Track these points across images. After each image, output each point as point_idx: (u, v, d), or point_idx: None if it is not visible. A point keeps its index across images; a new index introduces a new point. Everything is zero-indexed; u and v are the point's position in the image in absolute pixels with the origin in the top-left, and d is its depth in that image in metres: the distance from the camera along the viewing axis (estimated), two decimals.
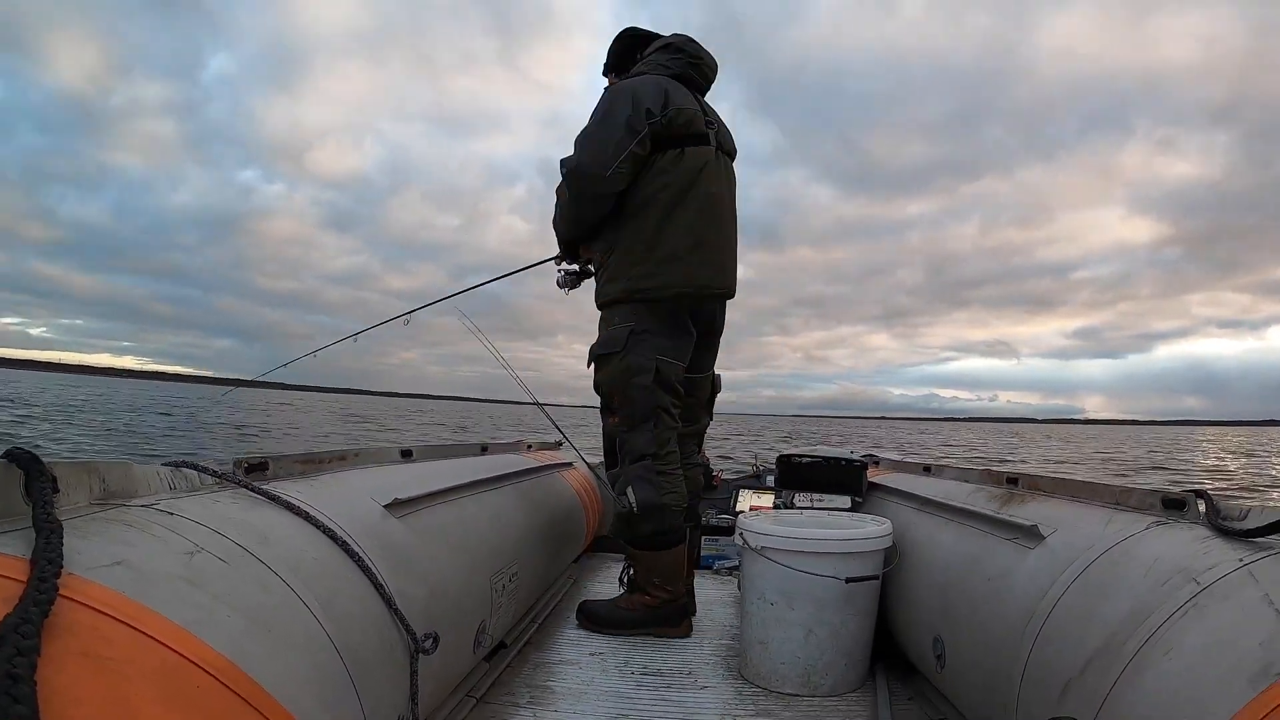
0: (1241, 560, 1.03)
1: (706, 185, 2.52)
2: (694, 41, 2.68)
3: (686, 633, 2.58)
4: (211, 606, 0.92)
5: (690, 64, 2.64)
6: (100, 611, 0.75)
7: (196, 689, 0.80)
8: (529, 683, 2.10)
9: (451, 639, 1.72)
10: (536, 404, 4.08)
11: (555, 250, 2.90)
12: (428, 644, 1.47)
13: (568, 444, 3.81)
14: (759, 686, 2.11)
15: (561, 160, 2.57)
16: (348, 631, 1.21)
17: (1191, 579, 1.06)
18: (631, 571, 2.68)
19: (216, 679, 0.83)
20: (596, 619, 2.64)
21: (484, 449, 2.82)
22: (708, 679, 2.17)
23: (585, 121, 2.54)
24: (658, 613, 2.58)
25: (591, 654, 2.34)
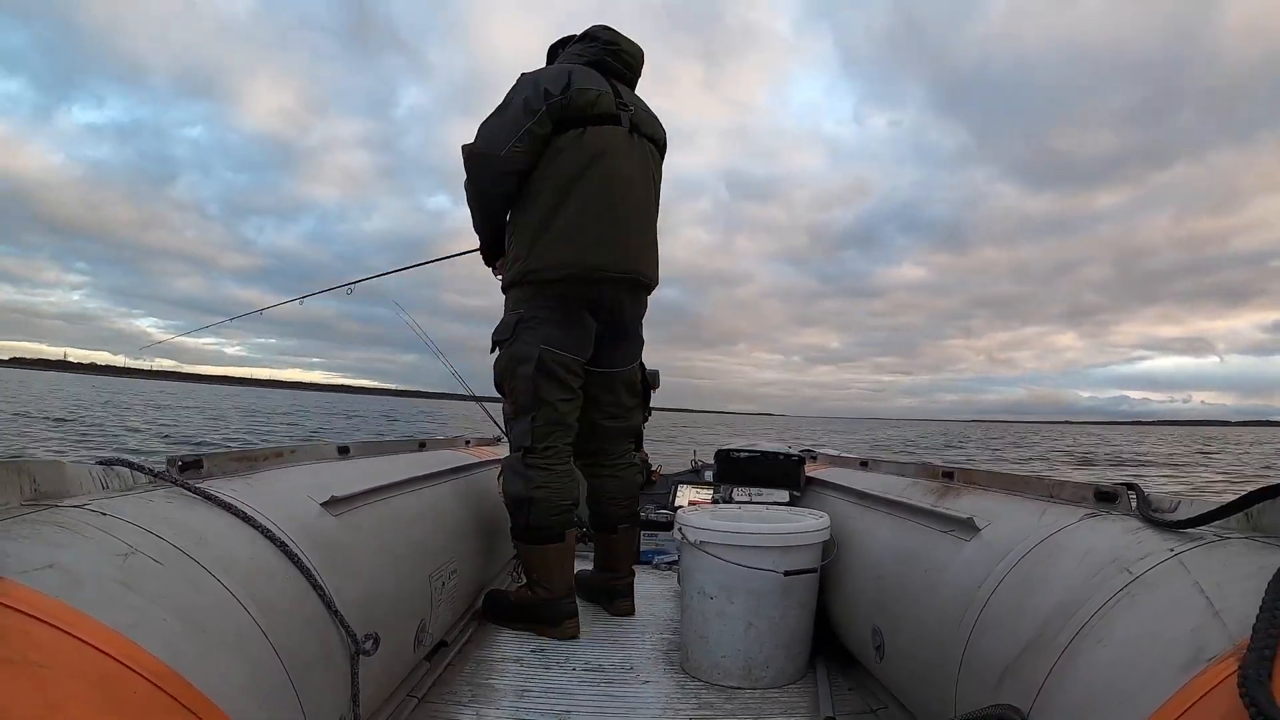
0: (1172, 550, 1.06)
1: (610, 165, 2.46)
2: (611, 29, 2.64)
3: (570, 634, 2.48)
4: (146, 609, 0.89)
5: (605, 50, 2.60)
6: (31, 616, 0.72)
7: (132, 694, 0.77)
8: (471, 681, 2.07)
9: (392, 639, 1.69)
10: (475, 399, 4.03)
11: (736, 258, 2.87)
12: (368, 645, 1.45)
13: (506, 440, 3.78)
14: (700, 680, 2.12)
15: (461, 147, 2.52)
16: (286, 633, 1.18)
17: (1124, 569, 1.09)
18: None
19: (152, 683, 0.80)
20: (488, 605, 2.65)
21: (422, 445, 2.77)
22: (649, 673, 2.17)
23: (768, 133, 2.53)
24: (538, 611, 2.53)
25: (533, 650, 2.33)
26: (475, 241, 2.77)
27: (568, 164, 2.43)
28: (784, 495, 2.92)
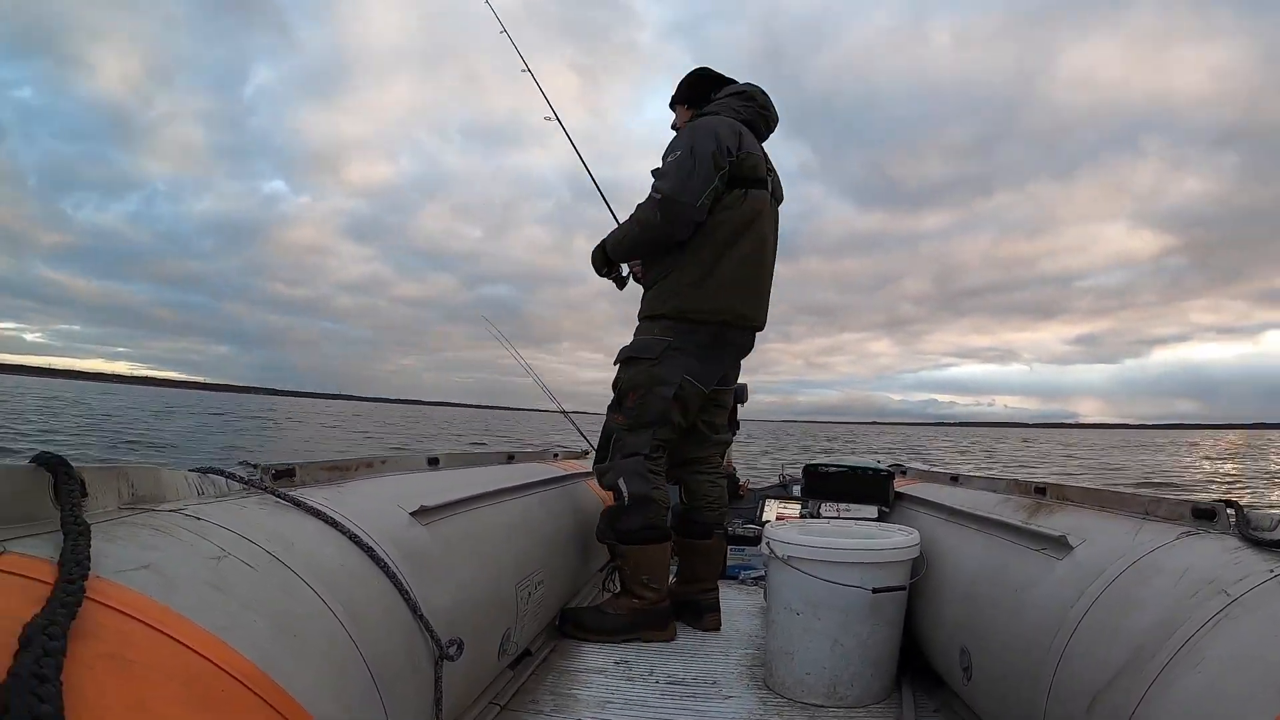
0: (1273, 571, 1.01)
1: (761, 228, 2.70)
2: (764, 93, 2.85)
3: (671, 636, 2.62)
4: (237, 611, 0.93)
5: (759, 113, 2.81)
6: (126, 614, 0.76)
7: (221, 694, 0.81)
8: (553, 690, 2.10)
9: (476, 646, 1.73)
10: (563, 412, 4.09)
11: (573, 258, 3.09)
12: (452, 650, 1.48)
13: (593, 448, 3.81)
14: (784, 697, 2.10)
15: (655, 185, 2.67)
16: (373, 638, 1.22)
17: (1221, 590, 1.04)
18: (619, 573, 2.74)
19: (242, 684, 0.84)
20: (581, 625, 2.66)
21: (510, 457, 2.83)
22: (733, 689, 2.16)
23: (618, 140, 2.67)
24: (644, 616, 2.62)
25: (617, 662, 2.34)
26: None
27: (730, 222, 2.63)
28: (872, 511, 2.87)
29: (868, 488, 2.95)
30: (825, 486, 3.03)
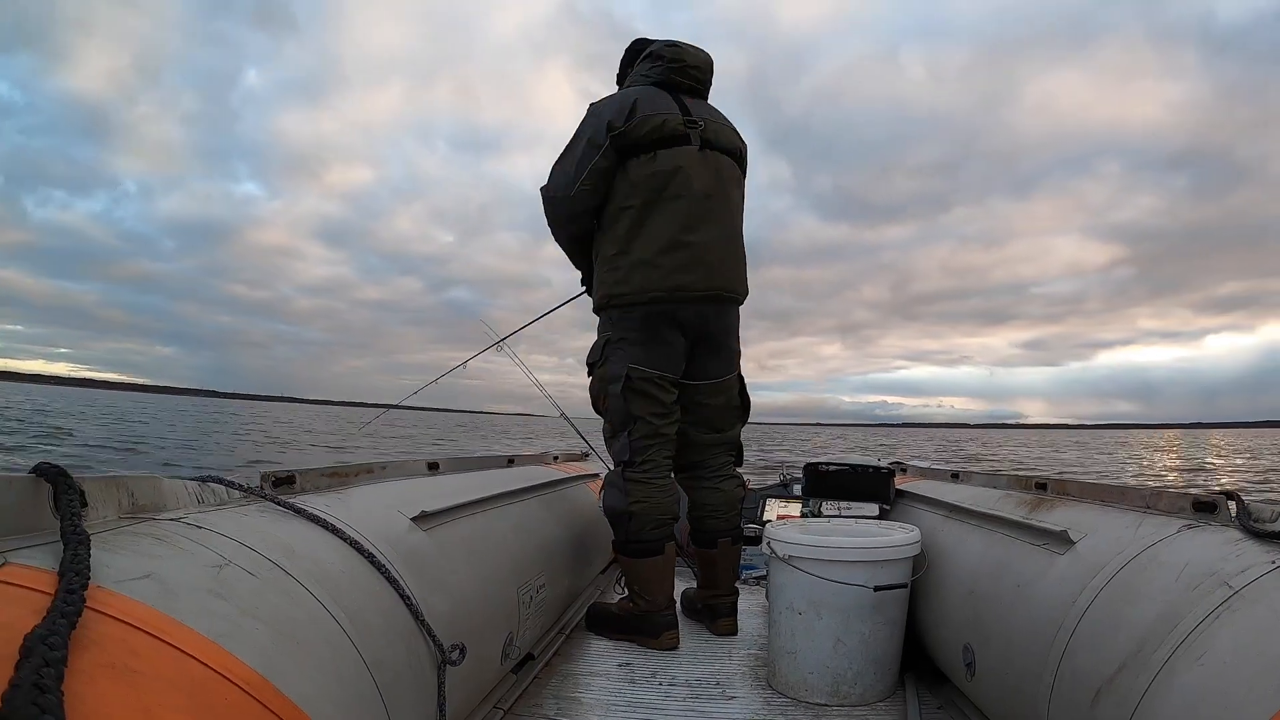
0: (1274, 563, 1.01)
1: (684, 186, 2.48)
2: (676, 45, 2.66)
3: (667, 645, 2.51)
4: (239, 619, 0.93)
5: (671, 68, 2.63)
6: (127, 624, 0.76)
7: (224, 702, 0.80)
8: (557, 694, 2.10)
9: (479, 650, 1.73)
10: (564, 416, 4.08)
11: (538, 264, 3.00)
12: (455, 655, 1.48)
13: (595, 455, 3.81)
14: (788, 697, 2.10)
15: (540, 188, 2.66)
16: (375, 644, 1.22)
17: (1224, 582, 1.04)
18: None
19: (245, 692, 0.84)
20: (591, 617, 2.72)
21: (510, 461, 2.83)
22: (736, 689, 2.16)
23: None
24: (638, 621, 2.57)
25: (620, 665, 2.34)
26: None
27: (642, 190, 2.47)
28: (873, 509, 2.87)
29: (868, 486, 2.95)
30: (826, 485, 3.03)
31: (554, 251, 2.88)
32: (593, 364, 2.65)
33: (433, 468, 2.13)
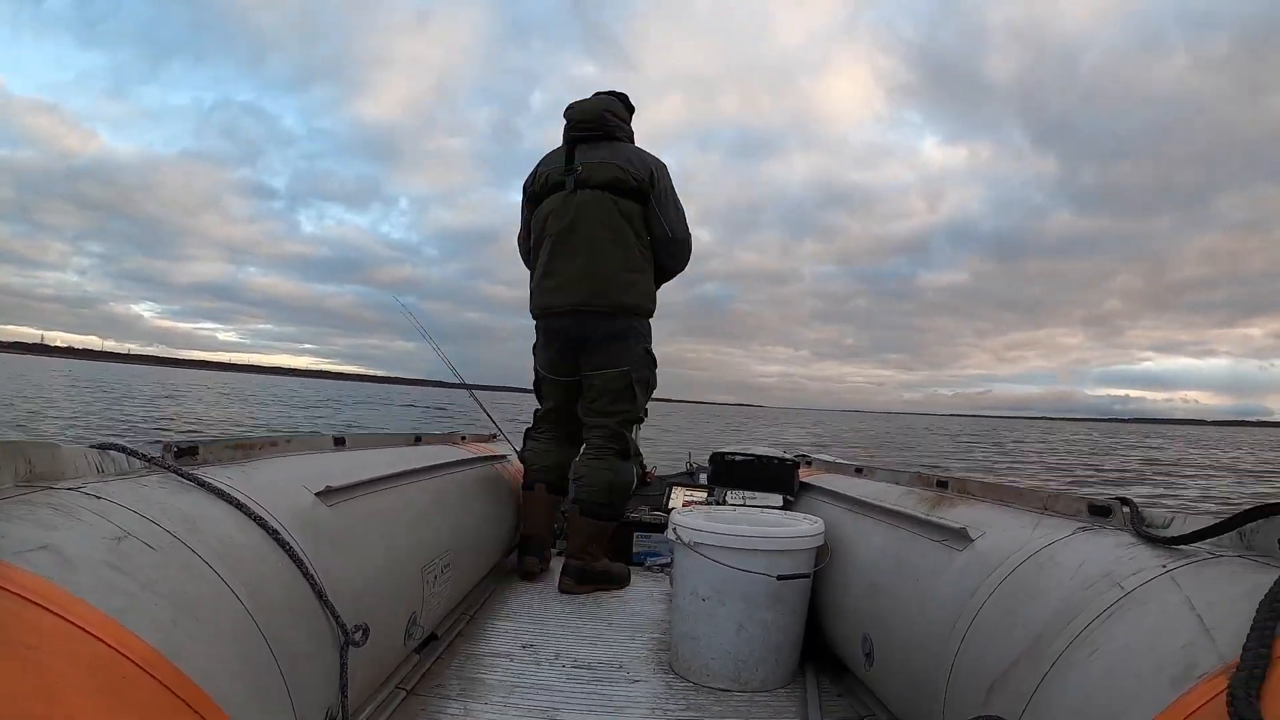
0: (1164, 566, 1.06)
1: (550, 225, 3.12)
2: (572, 105, 3.25)
3: (529, 568, 3.16)
4: (138, 594, 0.89)
5: (566, 127, 3.21)
6: (23, 597, 0.72)
7: (123, 679, 0.77)
8: (459, 674, 2.07)
9: (382, 630, 1.69)
10: (466, 387, 4.02)
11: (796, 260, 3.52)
12: (358, 636, 1.45)
13: (502, 436, 3.77)
14: (689, 681, 2.13)
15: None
16: (277, 622, 1.18)
17: (1116, 583, 1.10)
18: None
19: (143, 669, 0.80)
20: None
21: (418, 439, 2.78)
22: (638, 673, 2.17)
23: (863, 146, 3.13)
24: (522, 542, 3.28)
25: (524, 646, 2.33)
26: None
27: (535, 233, 3.22)
28: (778, 500, 2.92)
29: (773, 477, 3.00)
30: (731, 475, 3.08)
31: (812, 247, 3.26)
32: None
33: (339, 443, 2.07)
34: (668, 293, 3.34)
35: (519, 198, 3.37)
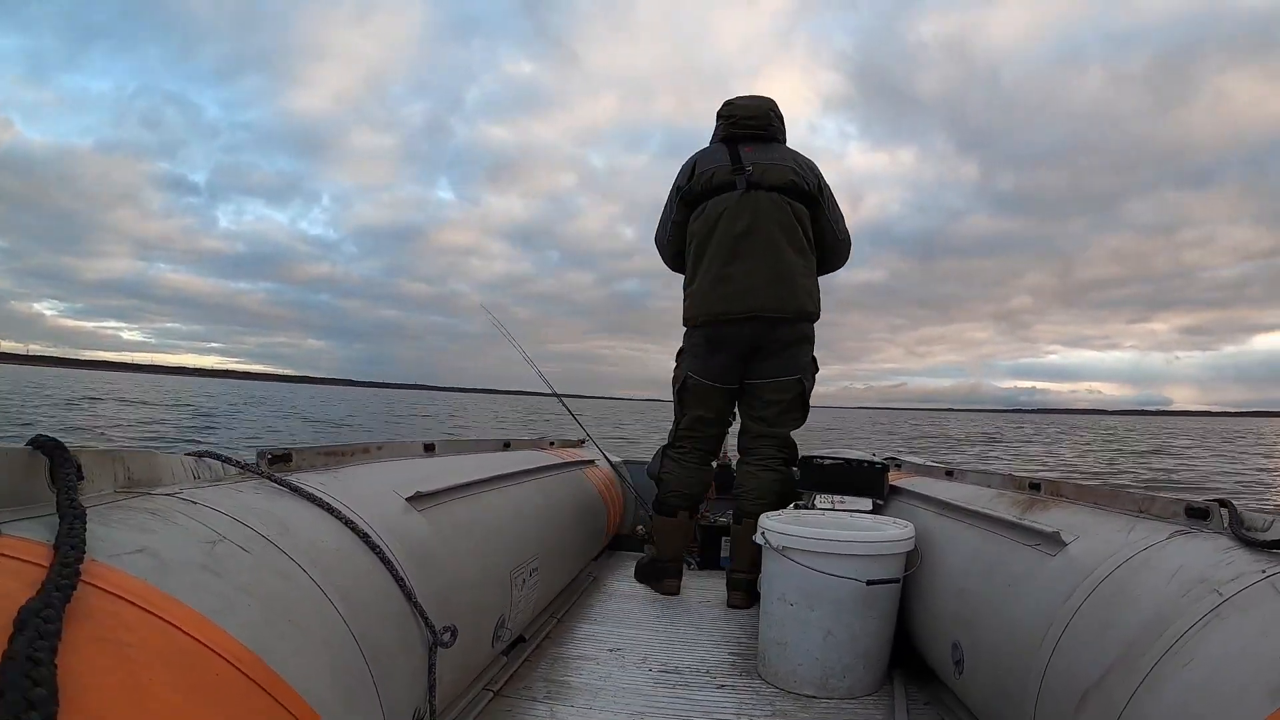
0: (1264, 571, 1.01)
1: (727, 228, 3.00)
2: (731, 102, 3.18)
3: (670, 591, 3.10)
4: (232, 595, 0.93)
5: (729, 124, 3.14)
6: (121, 598, 0.76)
7: (215, 677, 0.81)
8: (546, 677, 2.11)
9: (470, 632, 1.73)
10: (556, 395, 4.08)
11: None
12: (446, 637, 1.48)
13: (591, 442, 3.81)
14: (776, 687, 2.11)
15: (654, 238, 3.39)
16: (367, 623, 1.22)
17: (1213, 589, 1.05)
18: None
19: (235, 667, 0.84)
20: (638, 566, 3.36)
21: (506, 445, 2.83)
22: (725, 678, 2.17)
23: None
24: (650, 568, 3.22)
25: (610, 650, 2.35)
26: None
27: (698, 235, 3.08)
28: (867, 504, 2.87)
29: (862, 480, 2.95)
30: (820, 478, 3.03)
31: None
32: (676, 365, 3.24)
33: (429, 449, 2.13)
34: (584, 289, 3.45)
35: (445, 195, 3.39)
